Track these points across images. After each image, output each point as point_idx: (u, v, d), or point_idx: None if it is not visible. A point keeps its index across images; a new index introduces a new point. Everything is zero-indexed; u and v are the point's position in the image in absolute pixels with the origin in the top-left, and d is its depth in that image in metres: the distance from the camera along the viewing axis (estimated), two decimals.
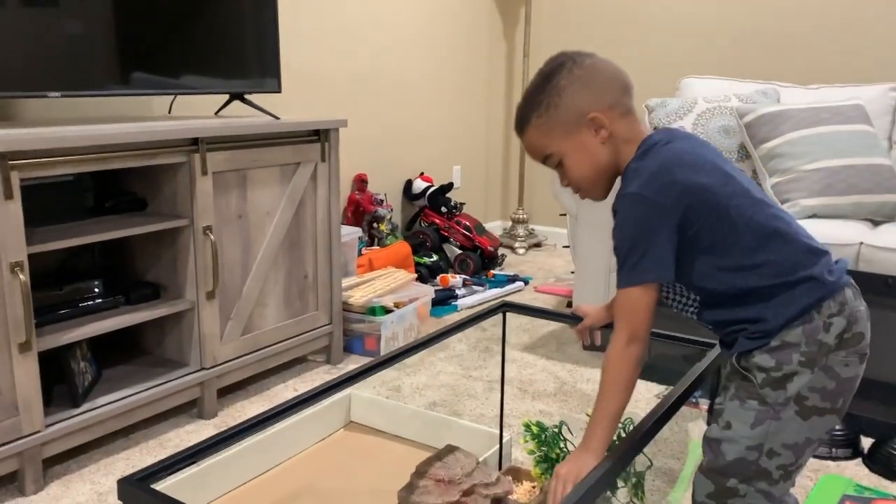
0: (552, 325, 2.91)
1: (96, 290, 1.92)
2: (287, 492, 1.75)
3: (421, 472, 1.39)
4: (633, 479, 1.48)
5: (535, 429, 1.58)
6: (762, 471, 1.09)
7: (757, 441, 1.08)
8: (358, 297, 2.52)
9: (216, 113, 2.46)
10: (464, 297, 3.14)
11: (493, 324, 2.92)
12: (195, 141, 1.95)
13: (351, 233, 2.78)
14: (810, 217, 2.30)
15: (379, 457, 1.91)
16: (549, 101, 1.13)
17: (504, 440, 1.78)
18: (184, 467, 1.00)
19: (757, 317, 1.09)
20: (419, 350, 1.51)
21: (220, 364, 2.10)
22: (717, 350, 1.36)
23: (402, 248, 3.10)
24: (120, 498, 0.94)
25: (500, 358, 2.59)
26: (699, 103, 2.63)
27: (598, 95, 1.14)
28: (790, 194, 2.34)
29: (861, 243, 2.10)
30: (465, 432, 1.86)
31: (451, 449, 1.46)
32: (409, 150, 3.72)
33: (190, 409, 2.11)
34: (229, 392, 2.23)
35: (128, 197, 2.04)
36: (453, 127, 4.02)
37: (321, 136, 2.31)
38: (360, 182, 3.35)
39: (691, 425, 2.08)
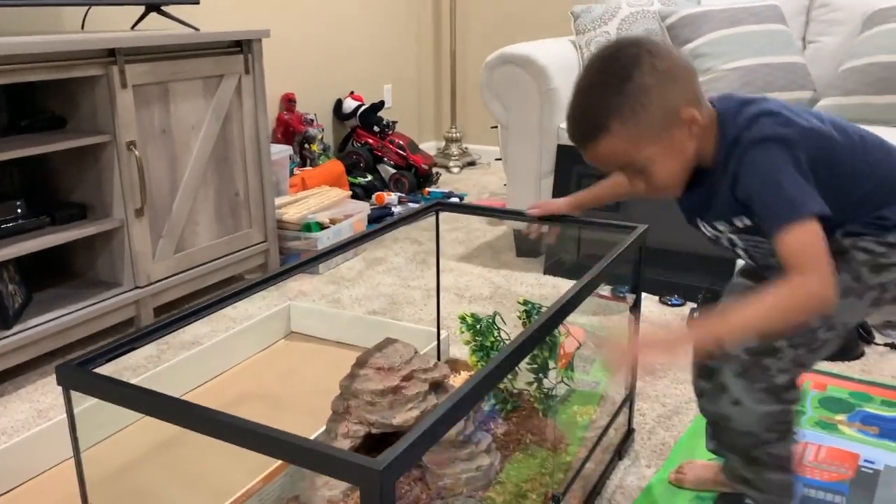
0: (487, 236, 2.97)
1: (18, 210, 1.86)
2: (230, 398, 1.77)
3: (361, 362, 1.43)
4: (560, 361, 1.55)
5: (469, 320, 1.63)
6: (814, 339, 1.09)
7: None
8: (292, 213, 2.51)
9: (132, 27, 2.36)
10: (400, 213, 3.16)
11: (429, 237, 2.96)
12: (111, 52, 1.88)
13: (281, 151, 2.75)
14: None
15: (321, 361, 1.95)
16: (635, 103, 0.99)
17: (442, 337, 1.83)
18: (123, 353, 1.02)
19: (878, 214, 1.08)
20: (358, 244, 1.54)
21: (154, 283, 2.08)
22: (639, 230, 1.43)
23: (335, 166, 3.08)
24: (59, 383, 0.95)
25: (430, 264, 2.64)
26: (623, 8, 2.66)
27: (687, 88, 1.03)
28: (711, 93, 2.40)
29: None
30: (404, 332, 1.91)
31: (390, 341, 1.50)
32: (338, 68, 3.65)
33: (127, 328, 2.09)
34: (167, 311, 2.21)
35: (45, 115, 1.97)
36: (383, 45, 3.96)
37: (243, 48, 2.25)
38: (288, 102, 3.29)
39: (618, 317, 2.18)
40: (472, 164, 4.25)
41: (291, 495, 1.33)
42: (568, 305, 1.12)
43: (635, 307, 1.49)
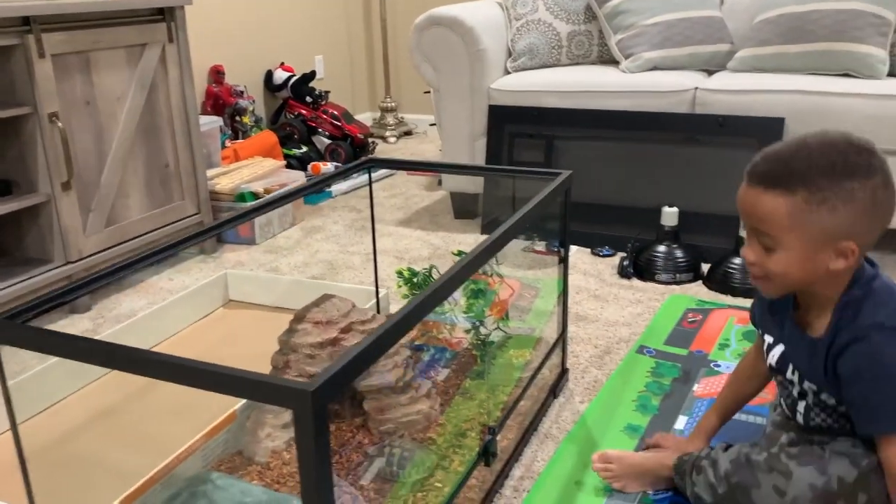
0: (425, 201, 3.00)
1: None
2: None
3: (299, 317, 1.45)
4: (495, 309, 1.60)
5: (406, 273, 1.66)
6: None
7: None
8: (224, 184, 2.49)
9: None
10: (337, 183, 3.16)
11: (367, 205, 2.97)
12: (26, 21, 1.83)
13: (211, 122, 2.71)
14: (652, 69, 2.46)
15: (260, 326, 1.96)
16: (830, 199, 0.93)
17: (381, 295, 1.86)
18: (52, 307, 1.01)
19: None
20: (293, 198, 1.54)
21: (85, 257, 2.05)
22: (562, 176, 1.48)
23: (268, 137, 3.06)
24: None
25: (376, 233, 2.66)
26: None
27: (872, 228, 0.97)
28: (633, 49, 2.47)
29: (696, 88, 2.27)
30: (343, 293, 1.93)
31: (327, 297, 1.53)
32: (267, 39, 3.61)
33: (61, 305, 2.05)
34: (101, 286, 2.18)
35: None
36: (312, 14, 3.92)
37: (166, 16, 2.21)
38: (217, 74, 3.24)
39: (550, 271, 2.24)
40: (408, 133, 4.26)
41: (234, 450, 1.35)
42: (493, 246, 1.16)
43: (564, 256, 1.54)
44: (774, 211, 0.95)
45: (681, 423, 1.46)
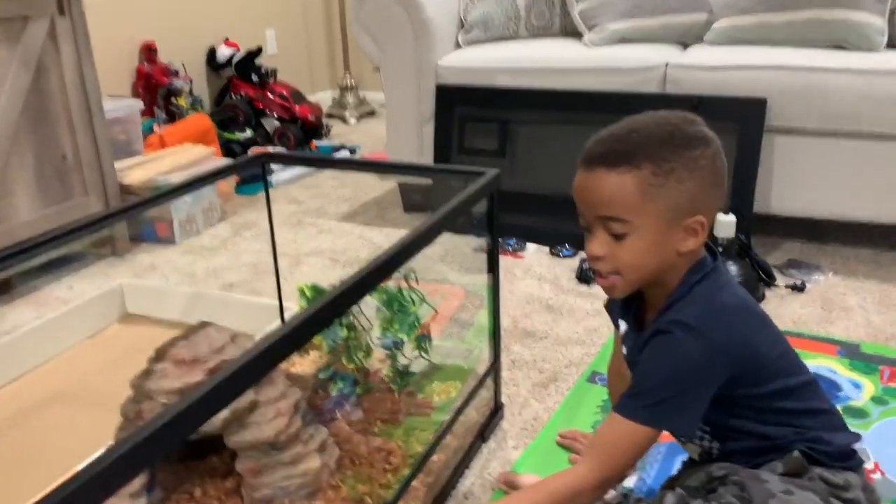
0: (375, 192, 2.71)
1: None
2: (42, 395, 1.50)
3: (161, 353, 1.18)
4: (416, 332, 1.33)
5: (309, 292, 1.39)
6: None
7: None
8: (136, 176, 2.20)
9: None
10: (280, 171, 2.87)
11: (310, 195, 2.69)
12: None
13: (126, 106, 2.42)
14: (619, 42, 2.16)
15: (156, 346, 1.68)
16: (677, 170, 0.88)
17: (293, 313, 1.59)
18: None
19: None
20: (180, 194, 1.29)
21: None
22: (487, 176, 1.20)
23: (200, 120, 2.76)
24: None
25: (313, 229, 2.39)
26: None
27: (714, 200, 0.92)
28: (598, 19, 2.18)
29: (667, 64, 1.98)
30: (250, 309, 1.67)
31: (202, 326, 1.25)
32: (209, 12, 3.29)
33: None
34: None
35: None
36: None
37: None
38: (149, 51, 2.93)
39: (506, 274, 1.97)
40: (371, 113, 3.96)
41: None
42: (392, 260, 0.90)
43: (491, 259, 1.27)
44: (622, 189, 0.88)
45: (630, 480, 1.19)
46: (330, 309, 0.80)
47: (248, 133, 3.13)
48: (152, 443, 0.58)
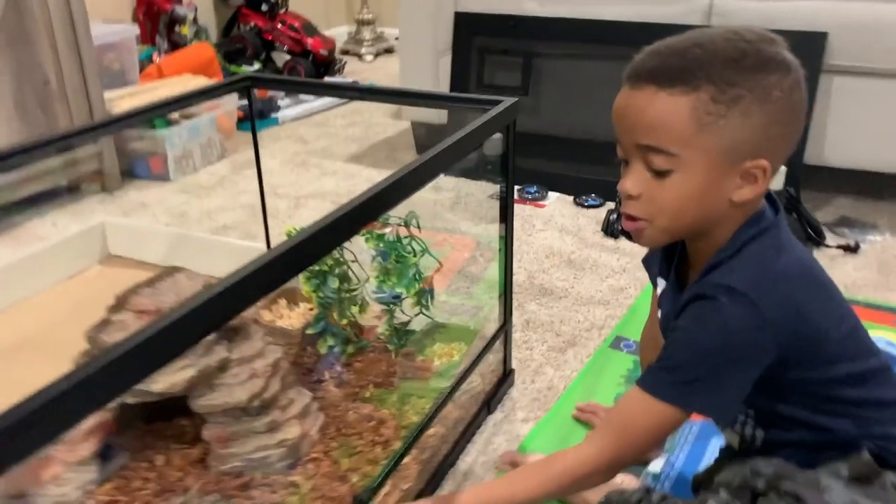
0: (386, 132, 2.53)
1: None
2: (8, 342, 1.37)
3: (121, 301, 1.03)
4: (417, 286, 1.16)
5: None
6: None
7: None
8: (127, 107, 2.03)
9: None
10: (287, 108, 2.69)
11: (318, 134, 2.51)
12: None
13: (120, 31, 2.24)
14: None
15: None
16: (743, 98, 0.69)
17: None
18: None
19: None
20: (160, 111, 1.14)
21: None
22: (503, 105, 1.02)
23: (202, 50, 2.57)
24: None
25: (317, 170, 2.22)
26: None
27: (785, 142, 0.74)
28: None
29: None
30: (237, 253, 1.51)
31: (173, 271, 1.10)
32: None
33: None
34: None
35: None
36: None
37: None
38: None
39: (524, 224, 1.79)
40: (389, 51, 3.74)
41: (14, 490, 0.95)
42: (385, 195, 0.73)
43: (504, 205, 1.09)
44: (673, 114, 0.70)
45: (657, 464, 1.04)
46: (307, 247, 0.65)
47: (256, 66, 2.94)
48: (76, 398, 0.46)
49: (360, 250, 1.22)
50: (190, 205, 1.97)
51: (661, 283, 0.88)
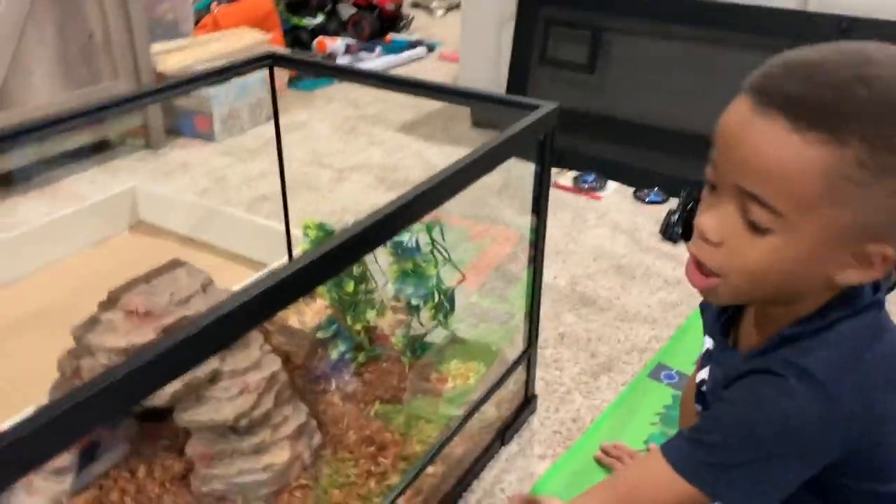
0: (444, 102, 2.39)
1: None
2: (19, 312, 1.34)
3: (113, 298, 0.97)
4: (435, 298, 1.06)
5: (312, 233, 1.13)
6: None
7: None
8: (173, 63, 1.96)
9: None
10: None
11: (373, 99, 2.40)
12: None
13: None
14: None
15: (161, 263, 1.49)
16: (888, 158, 0.52)
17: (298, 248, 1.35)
18: None
19: None
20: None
21: None
22: (539, 112, 0.88)
23: (260, 1, 2.48)
24: None
25: (366, 139, 2.11)
26: None
27: None
28: None
29: None
30: (261, 234, 1.44)
31: (173, 265, 1.03)
32: None
33: None
34: (3, 184, 1.75)
35: None
36: None
37: None
38: None
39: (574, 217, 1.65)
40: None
41: None
42: (393, 216, 0.65)
43: (537, 212, 0.96)
44: (800, 168, 0.54)
45: None
46: (320, 267, 0.59)
47: (320, 19, 2.84)
48: (75, 417, 0.44)
49: (381, 251, 1.12)
50: (232, 168, 1.90)
51: (708, 342, 0.75)
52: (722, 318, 0.71)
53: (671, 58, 1.74)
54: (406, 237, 1.04)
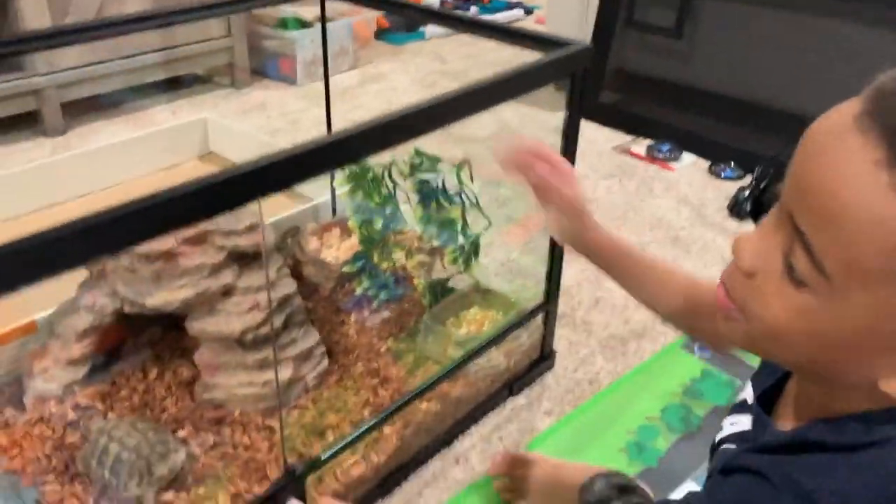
0: (532, 59, 2.34)
1: None
2: None
3: None
4: (458, 242, 1.04)
5: (349, 170, 1.13)
6: None
7: None
8: None
9: None
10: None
11: (462, 55, 2.38)
12: None
13: None
14: None
15: None
16: None
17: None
18: None
19: None
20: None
21: (59, 71, 1.71)
22: (568, 50, 0.85)
23: None
24: None
25: (441, 91, 2.09)
26: None
27: None
28: None
29: None
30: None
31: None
32: None
33: (34, 124, 1.76)
34: (81, 110, 1.84)
35: None
36: None
37: None
38: None
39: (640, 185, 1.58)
40: None
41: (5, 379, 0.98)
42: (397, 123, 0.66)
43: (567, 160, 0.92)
44: (877, 221, 0.39)
45: (682, 490, 0.88)
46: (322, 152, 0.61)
47: None
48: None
49: (412, 194, 1.11)
50: (306, 113, 1.94)
51: (749, 391, 0.60)
52: (768, 378, 0.57)
53: (767, 27, 1.63)
54: (432, 176, 1.03)
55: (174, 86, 1.97)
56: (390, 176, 1.12)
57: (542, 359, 1.06)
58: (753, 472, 0.49)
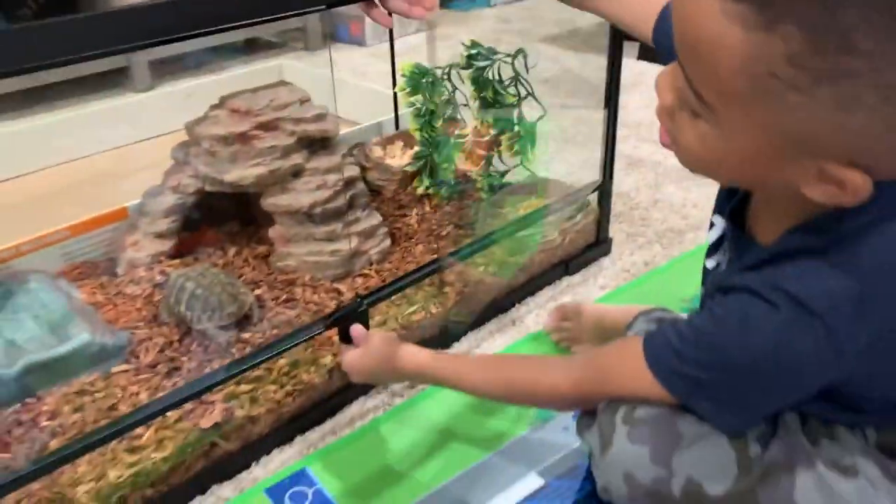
0: (596, 18, 2.37)
1: None
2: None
3: (221, 101, 1.09)
4: (513, 132, 1.09)
5: (409, 71, 1.20)
6: None
7: None
8: None
9: None
10: None
11: (526, 15, 2.44)
12: None
13: None
14: None
15: None
16: (852, 79, 0.41)
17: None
18: None
19: None
20: None
21: None
22: None
23: None
24: None
25: (505, 47, 2.10)
26: None
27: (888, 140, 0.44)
28: None
29: None
30: (366, 94, 1.54)
31: (278, 84, 1.14)
32: None
33: (123, 80, 1.90)
34: (175, 68, 1.97)
35: None
36: None
37: None
38: None
39: None
40: None
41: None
42: None
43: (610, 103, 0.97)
44: (720, 51, 0.44)
45: None
46: None
47: None
48: None
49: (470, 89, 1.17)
50: (373, 68, 2.02)
51: (718, 221, 0.63)
52: (731, 202, 0.60)
53: None
54: (488, 63, 1.08)
55: (252, 48, 2.09)
56: (449, 77, 1.18)
57: (599, 242, 1.09)
58: (748, 291, 0.52)
